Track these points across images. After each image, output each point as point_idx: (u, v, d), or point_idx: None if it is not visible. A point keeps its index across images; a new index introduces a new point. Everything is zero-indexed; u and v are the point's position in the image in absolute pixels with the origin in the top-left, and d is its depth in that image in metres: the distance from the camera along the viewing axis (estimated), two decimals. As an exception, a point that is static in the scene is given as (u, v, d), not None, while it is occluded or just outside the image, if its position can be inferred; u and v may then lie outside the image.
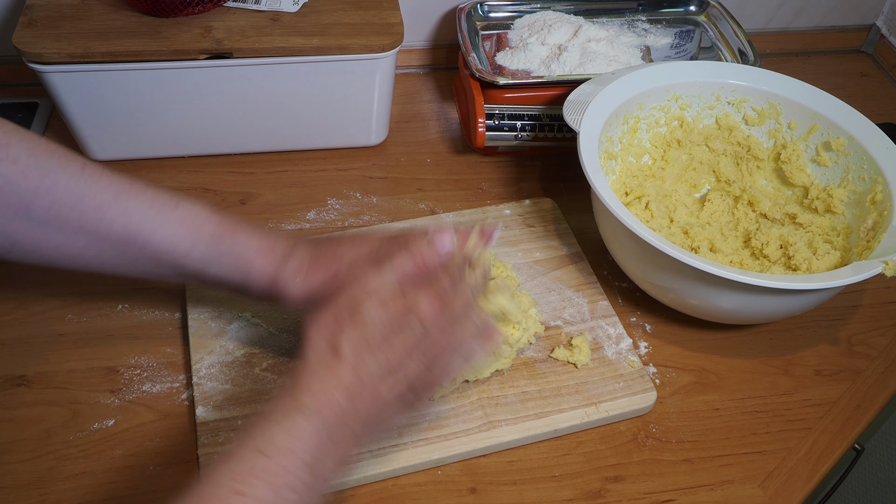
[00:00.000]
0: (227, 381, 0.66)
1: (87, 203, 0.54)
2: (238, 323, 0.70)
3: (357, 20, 0.82)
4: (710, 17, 0.98)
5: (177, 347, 0.70)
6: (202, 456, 0.61)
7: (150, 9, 0.79)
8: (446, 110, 0.98)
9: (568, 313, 0.74)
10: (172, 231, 0.57)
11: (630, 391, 0.67)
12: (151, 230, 0.56)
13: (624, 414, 0.67)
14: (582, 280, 0.76)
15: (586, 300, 0.75)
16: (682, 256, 0.63)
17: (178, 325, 0.71)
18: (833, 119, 0.78)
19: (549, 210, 0.83)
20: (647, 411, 0.68)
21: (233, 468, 0.45)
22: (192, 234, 0.57)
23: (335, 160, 0.90)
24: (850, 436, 0.69)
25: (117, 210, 0.55)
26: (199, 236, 0.57)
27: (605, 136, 0.76)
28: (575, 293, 0.75)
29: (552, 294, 0.75)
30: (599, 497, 0.63)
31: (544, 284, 0.76)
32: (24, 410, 0.65)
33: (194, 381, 0.66)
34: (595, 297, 0.75)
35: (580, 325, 0.72)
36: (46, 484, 0.60)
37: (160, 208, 0.57)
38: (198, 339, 0.68)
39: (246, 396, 0.65)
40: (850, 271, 0.64)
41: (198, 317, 0.70)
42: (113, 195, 0.55)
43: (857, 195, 0.76)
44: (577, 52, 0.87)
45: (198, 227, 0.57)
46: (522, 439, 0.64)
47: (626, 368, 0.69)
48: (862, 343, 0.76)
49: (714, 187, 0.84)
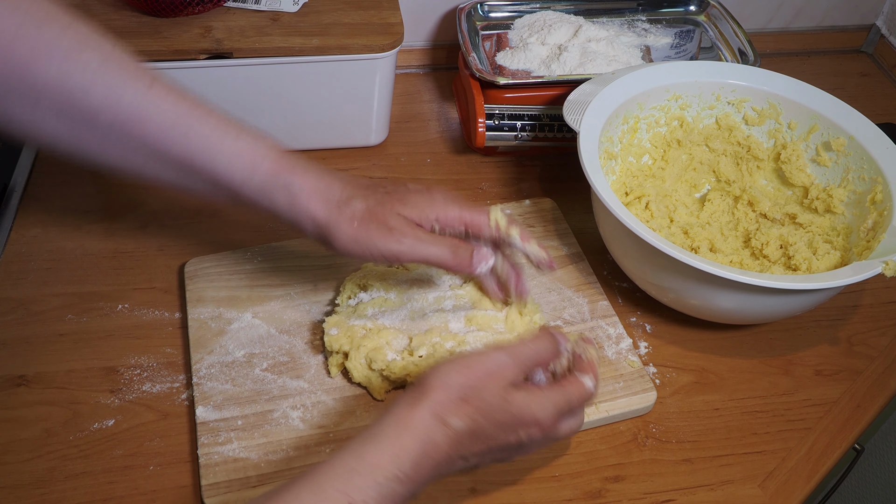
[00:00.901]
0: (226, 380, 0.66)
1: (148, 123, 0.55)
2: (238, 323, 0.70)
3: (357, 20, 0.82)
4: (710, 16, 0.98)
5: (177, 347, 0.70)
6: (202, 456, 0.61)
7: (150, 9, 0.79)
8: (446, 110, 0.98)
9: (568, 313, 0.74)
10: (230, 161, 0.57)
11: (630, 391, 0.67)
12: (209, 157, 0.57)
13: (624, 414, 0.67)
14: (582, 280, 0.76)
15: (586, 300, 0.75)
16: (682, 256, 0.63)
17: (179, 325, 0.71)
18: (833, 119, 0.78)
19: (549, 210, 0.83)
20: (647, 411, 0.68)
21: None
22: (249, 167, 0.57)
23: (335, 160, 0.90)
24: (850, 436, 0.69)
25: (178, 133, 0.56)
26: (255, 170, 0.57)
27: (605, 136, 0.76)
28: (575, 293, 0.75)
29: (552, 294, 0.75)
30: (599, 497, 0.63)
31: (544, 284, 0.76)
32: (24, 410, 0.65)
33: (194, 381, 0.66)
34: (595, 297, 0.75)
35: (580, 326, 0.72)
36: (46, 484, 0.60)
37: (221, 136, 0.57)
38: (198, 339, 0.68)
39: (246, 396, 0.65)
40: (850, 271, 0.64)
41: (198, 317, 0.70)
42: (175, 117, 0.56)
43: (857, 195, 0.76)
44: (578, 52, 0.87)
45: (255, 161, 0.57)
46: None
47: (626, 368, 0.69)
48: (862, 343, 0.76)
49: (714, 187, 0.84)
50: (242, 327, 0.70)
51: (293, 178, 0.58)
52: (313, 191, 0.58)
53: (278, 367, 0.67)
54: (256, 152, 0.58)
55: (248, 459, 0.61)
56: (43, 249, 0.77)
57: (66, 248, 0.78)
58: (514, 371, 0.52)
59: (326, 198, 0.58)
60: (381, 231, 0.58)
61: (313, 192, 0.58)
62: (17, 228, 0.79)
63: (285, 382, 0.66)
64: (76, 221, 0.80)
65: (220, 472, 0.60)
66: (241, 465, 0.60)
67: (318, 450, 0.62)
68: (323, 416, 0.64)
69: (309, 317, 0.71)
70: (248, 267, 0.75)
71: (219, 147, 0.57)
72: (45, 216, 0.81)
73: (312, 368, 0.67)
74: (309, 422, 0.64)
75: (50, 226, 0.80)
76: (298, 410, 0.64)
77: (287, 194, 0.58)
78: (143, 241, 0.79)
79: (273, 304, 0.72)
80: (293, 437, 0.62)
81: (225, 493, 0.59)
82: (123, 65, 0.55)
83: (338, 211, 0.58)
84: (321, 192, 0.58)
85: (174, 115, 0.56)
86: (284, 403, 0.65)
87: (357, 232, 0.58)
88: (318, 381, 0.67)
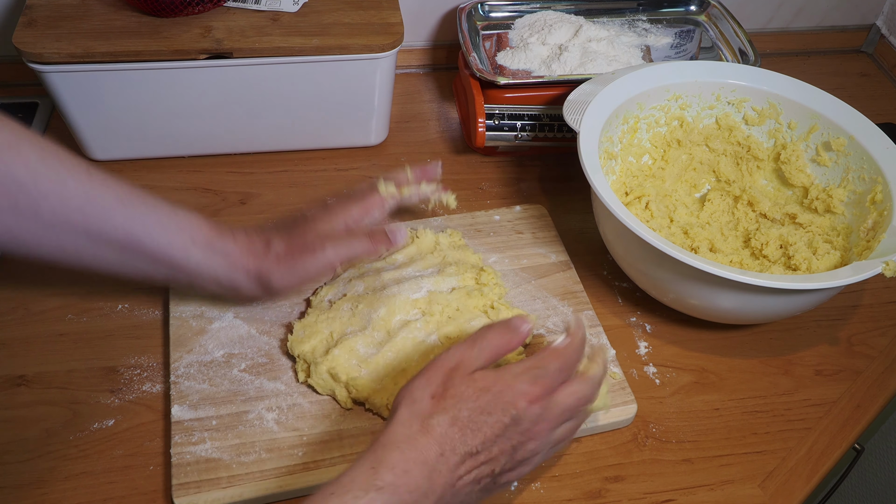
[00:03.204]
0: (204, 380, 0.66)
1: (92, 207, 0.58)
2: (219, 322, 0.70)
3: (357, 20, 0.82)
4: (710, 16, 0.98)
5: (177, 347, 0.70)
6: (174, 455, 0.61)
7: (150, 9, 0.79)
8: (446, 110, 0.98)
9: (552, 322, 0.72)
10: (171, 237, 0.61)
11: (610, 403, 0.65)
12: (152, 235, 0.60)
13: (602, 426, 0.65)
14: (568, 289, 0.75)
15: (571, 309, 0.73)
16: (682, 256, 0.63)
17: (178, 325, 0.71)
18: (833, 119, 0.78)
19: (539, 217, 0.82)
20: (626, 424, 0.66)
21: None
22: (188, 239, 0.62)
23: (335, 160, 0.90)
24: (850, 436, 0.69)
25: (121, 215, 0.59)
26: (194, 241, 0.62)
27: (605, 136, 0.76)
28: (560, 301, 0.74)
29: (537, 302, 0.74)
30: (599, 497, 0.63)
31: (529, 292, 0.75)
32: (24, 410, 0.65)
33: (171, 380, 0.65)
34: (580, 306, 0.74)
35: (563, 335, 0.70)
36: (46, 484, 0.60)
37: (160, 215, 0.61)
38: (178, 338, 0.68)
39: (222, 397, 0.65)
40: (850, 271, 0.64)
41: (180, 315, 0.70)
42: (117, 200, 0.59)
43: (857, 195, 0.76)
44: (578, 52, 0.87)
45: (193, 233, 0.62)
46: None
47: (607, 380, 0.67)
48: (862, 343, 0.76)
49: (714, 187, 0.84)
50: (223, 327, 0.70)
51: (225, 244, 0.63)
52: (243, 248, 0.64)
53: (256, 368, 0.67)
54: (192, 224, 0.62)
55: (220, 460, 0.61)
56: (43, 249, 0.77)
57: (66, 248, 0.78)
58: (475, 359, 0.53)
59: (253, 251, 0.64)
60: (305, 255, 0.64)
61: (243, 249, 0.64)
62: (17, 228, 0.79)
63: (262, 384, 0.66)
64: (76, 221, 0.80)
65: (192, 472, 0.60)
66: (213, 465, 0.60)
67: (290, 452, 0.61)
68: (298, 418, 0.64)
69: (289, 318, 0.71)
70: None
71: (159, 224, 0.60)
72: (45, 216, 0.81)
73: (290, 371, 0.67)
74: (283, 424, 0.63)
75: (50, 226, 0.80)
76: (274, 412, 0.64)
77: (223, 258, 0.63)
78: (143, 241, 0.79)
79: (255, 305, 0.71)
80: (266, 438, 0.62)
81: (195, 493, 0.59)
82: (60, 156, 0.57)
83: (265, 257, 0.64)
84: (248, 248, 0.64)
85: (116, 198, 0.59)
86: (260, 405, 0.64)
87: (286, 266, 0.64)
88: (294, 383, 0.66)
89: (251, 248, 0.64)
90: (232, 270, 0.63)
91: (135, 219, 0.59)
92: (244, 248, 0.64)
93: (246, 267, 0.64)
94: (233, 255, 0.63)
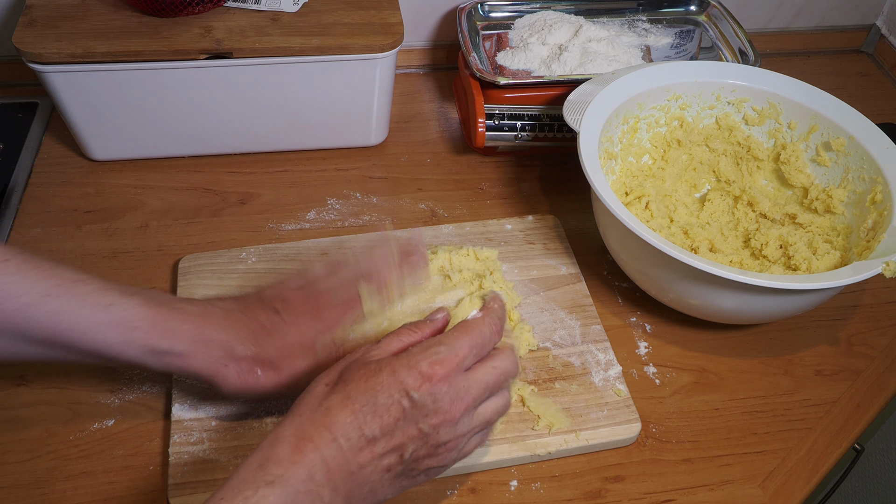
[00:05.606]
0: None
1: (11, 303, 0.51)
2: None
3: (357, 20, 0.82)
4: (710, 16, 0.98)
5: (177, 347, 0.70)
6: (172, 454, 0.61)
7: (150, 9, 0.79)
8: (446, 110, 0.98)
9: (559, 335, 0.71)
10: (104, 335, 0.53)
11: (613, 421, 0.65)
12: (81, 333, 0.53)
13: (605, 444, 0.64)
14: (577, 302, 0.74)
15: (579, 323, 0.72)
16: (682, 256, 0.63)
17: (178, 325, 0.71)
18: (833, 119, 0.78)
19: (551, 227, 0.81)
20: (629, 443, 0.66)
21: None
22: (124, 339, 0.54)
23: (335, 160, 0.90)
24: (850, 436, 0.69)
25: (44, 311, 0.52)
26: (130, 341, 0.54)
27: (605, 136, 0.76)
28: (568, 315, 0.73)
29: (544, 314, 0.73)
30: (599, 497, 0.63)
31: (537, 304, 0.74)
32: (24, 410, 0.65)
33: (173, 378, 0.65)
34: (588, 320, 0.72)
35: (569, 349, 0.70)
36: (46, 484, 0.60)
37: (91, 309, 0.53)
38: None
39: (223, 398, 0.64)
40: (850, 271, 0.64)
41: None
42: (39, 295, 0.52)
43: (857, 195, 0.76)
44: (578, 52, 0.87)
45: (128, 333, 0.54)
46: (498, 462, 0.63)
47: (612, 397, 0.66)
48: (862, 343, 0.76)
49: (714, 187, 0.84)
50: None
51: (171, 344, 0.55)
52: (193, 351, 0.55)
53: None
54: (130, 320, 0.54)
55: (217, 462, 0.60)
56: (43, 249, 0.77)
57: (66, 248, 0.78)
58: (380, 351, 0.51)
59: (207, 354, 0.56)
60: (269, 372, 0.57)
61: (194, 352, 0.55)
62: (17, 228, 0.79)
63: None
64: (76, 221, 0.80)
65: (189, 472, 0.60)
66: (210, 466, 0.60)
67: None
68: None
69: None
70: (242, 267, 0.74)
71: (89, 321, 0.53)
72: (45, 216, 0.81)
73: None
74: None
75: (50, 226, 0.80)
76: (273, 416, 0.64)
77: (164, 363, 0.55)
78: (143, 241, 0.79)
79: None
80: None
81: (191, 493, 0.58)
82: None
83: (221, 365, 0.56)
84: (200, 350, 0.56)
85: (38, 292, 0.51)
86: (260, 408, 0.64)
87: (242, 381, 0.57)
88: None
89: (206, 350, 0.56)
90: (175, 371, 0.57)
91: (60, 314, 0.52)
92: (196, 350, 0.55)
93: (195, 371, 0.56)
94: (176, 361, 0.55)
